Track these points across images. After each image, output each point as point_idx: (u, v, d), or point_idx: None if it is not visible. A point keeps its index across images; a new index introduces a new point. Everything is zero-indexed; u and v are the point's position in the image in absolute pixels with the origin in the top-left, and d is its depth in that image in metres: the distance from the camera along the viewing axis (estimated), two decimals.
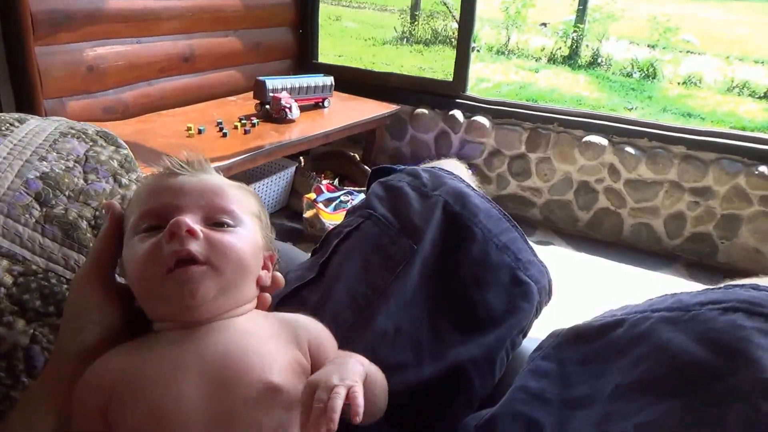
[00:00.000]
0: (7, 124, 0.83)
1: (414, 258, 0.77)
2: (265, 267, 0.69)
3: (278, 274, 0.71)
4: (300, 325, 0.65)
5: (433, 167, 0.89)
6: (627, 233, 2.94)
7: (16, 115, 0.87)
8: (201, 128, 2.51)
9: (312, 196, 2.72)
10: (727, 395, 0.52)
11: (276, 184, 2.92)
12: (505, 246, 0.80)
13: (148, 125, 2.53)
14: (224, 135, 2.51)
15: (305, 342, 0.64)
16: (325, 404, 0.52)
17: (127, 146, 0.95)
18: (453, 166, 0.93)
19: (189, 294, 0.58)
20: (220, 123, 2.58)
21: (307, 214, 2.71)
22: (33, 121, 0.88)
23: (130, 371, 0.58)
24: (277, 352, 0.61)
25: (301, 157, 3.08)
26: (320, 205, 2.66)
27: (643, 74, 5.52)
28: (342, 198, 2.75)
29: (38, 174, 0.78)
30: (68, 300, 0.65)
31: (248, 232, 0.65)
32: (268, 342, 0.62)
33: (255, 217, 0.68)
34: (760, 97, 5.03)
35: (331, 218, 2.63)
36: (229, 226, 0.63)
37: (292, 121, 2.72)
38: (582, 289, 2.53)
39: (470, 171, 0.96)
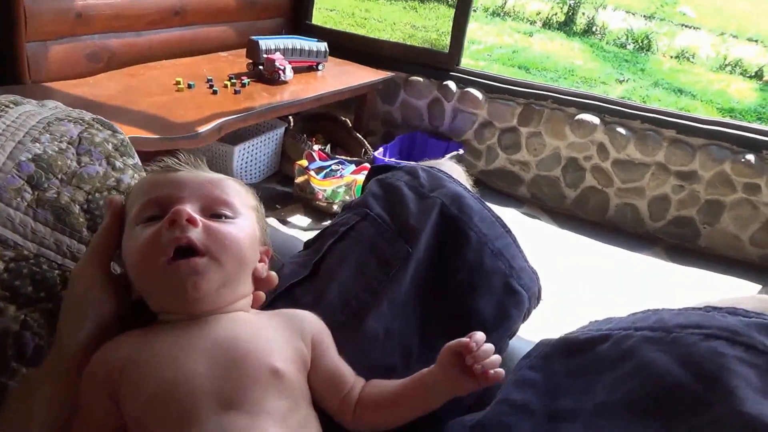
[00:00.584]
0: (2, 106, 0.82)
1: (408, 261, 0.77)
2: (261, 260, 0.70)
3: (272, 273, 0.72)
4: (305, 320, 0.68)
5: (431, 167, 0.88)
6: (612, 213, 2.97)
7: (12, 97, 0.86)
8: (191, 83, 2.47)
9: (304, 162, 2.70)
10: (706, 424, 0.53)
11: (265, 145, 2.89)
12: (499, 252, 0.80)
13: (135, 80, 2.46)
14: (214, 92, 2.47)
15: (309, 336, 0.66)
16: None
17: (124, 132, 0.93)
18: (450, 167, 0.92)
19: (192, 287, 0.59)
20: (211, 80, 2.53)
21: (299, 179, 2.70)
22: (29, 106, 0.86)
23: (139, 354, 0.59)
24: (282, 341, 0.64)
25: (290, 117, 3.05)
26: (312, 173, 2.65)
27: (638, 46, 5.49)
28: (333, 167, 2.74)
29: (31, 156, 0.77)
30: (68, 294, 0.65)
31: (246, 224, 0.66)
32: (274, 333, 0.64)
33: (252, 209, 0.70)
34: (750, 77, 5.03)
35: (322, 184, 2.63)
36: (227, 217, 0.64)
37: (284, 82, 2.68)
38: (564, 268, 2.56)
39: (467, 174, 0.95)
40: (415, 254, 0.78)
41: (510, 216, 2.90)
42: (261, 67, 2.71)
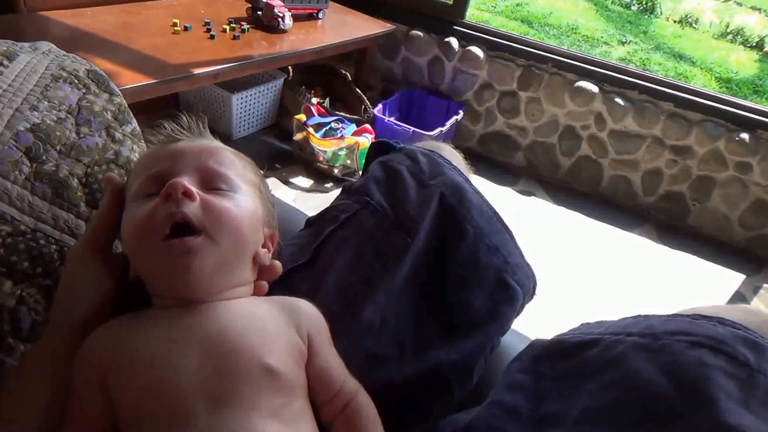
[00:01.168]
0: None
1: (406, 253, 0.77)
2: (264, 246, 0.68)
3: (277, 262, 0.70)
4: (302, 311, 0.66)
5: (431, 151, 0.88)
6: (605, 185, 2.98)
7: (4, 47, 0.82)
8: (187, 26, 2.40)
9: (302, 117, 2.65)
10: None
11: (264, 95, 2.85)
12: (495, 248, 0.80)
13: (132, 18, 2.39)
14: (212, 37, 2.40)
15: (305, 330, 0.64)
16: None
17: (120, 93, 0.91)
18: (450, 153, 0.92)
19: (183, 267, 0.58)
20: (208, 23, 2.46)
21: (297, 136, 2.67)
22: (23, 57, 0.83)
23: (129, 345, 0.58)
24: (277, 336, 0.62)
25: (289, 68, 2.99)
26: (310, 129, 2.61)
27: (642, 7, 5.40)
28: (332, 125, 2.70)
29: (29, 126, 0.75)
30: (64, 273, 0.64)
31: (246, 200, 0.64)
32: (268, 325, 0.62)
33: (254, 186, 0.67)
34: (751, 47, 4.97)
35: (322, 144, 2.60)
36: (226, 191, 0.62)
37: (284, 31, 2.62)
38: (557, 245, 2.60)
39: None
40: (414, 246, 0.78)
41: (505, 195, 2.91)
42: (260, 12, 2.64)
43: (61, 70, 0.85)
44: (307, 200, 2.55)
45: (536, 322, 1.99)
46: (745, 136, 2.62)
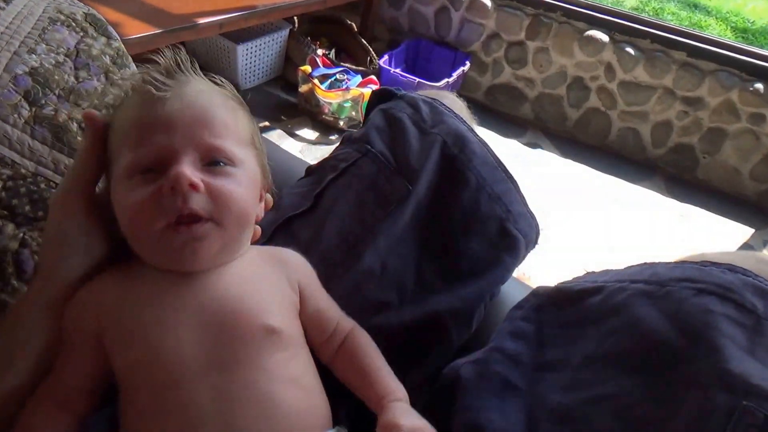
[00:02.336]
0: None
1: (408, 199, 0.77)
2: (260, 197, 0.68)
3: (268, 197, 0.69)
4: (290, 264, 0.66)
5: (433, 99, 0.86)
6: (613, 137, 2.94)
7: None
8: None
9: (307, 69, 2.63)
10: (688, 380, 0.54)
11: (269, 46, 2.82)
12: (497, 196, 0.80)
13: None
14: None
15: (296, 282, 0.65)
16: None
17: (118, 37, 0.90)
18: (453, 101, 0.90)
19: (191, 252, 0.57)
20: None
21: (303, 88, 2.65)
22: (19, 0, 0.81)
23: (126, 303, 0.58)
24: (272, 293, 0.62)
25: (295, 18, 2.95)
26: (315, 81, 2.59)
27: None
28: (338, 76, 2.67)
29: (27, 69, 0.74)
30: (49, 222, 0.62)
31: (247, 173, 0.62)
32: (263, 284, 0.63)
33: (250, 145, 0.65)
34: None
35: (327, 96, 2.58)
36: (225, 164, 0.60)
37: None
38: (564, 198, 2.57)
39: (469, 110, 0.93)
40: (415, 193, 0.78)
41: (511, 148, 2.88)
42: None
43: (59, 12, 0.84)
44: (313, 152, 2.54)
45: (541, 273, 2.01)
46: (759, 86, 2.56)
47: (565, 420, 0.59)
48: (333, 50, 2.92)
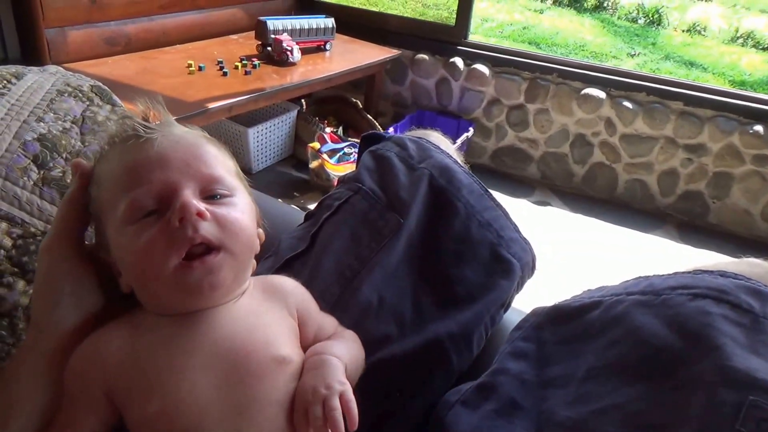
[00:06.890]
0: (4, 81, 0.83)
1: (400, 231, 0.79)
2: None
3: (260, 230, 0.68)
4: (288, 291, 0.66)
5: (420, 138, 0.90)
6: (621, 190, 2.97)
7: (13, 69, 0.87)
8: (201, 66, 2.51)
9: (316, 145, 2.72)
10: (692, 381, 0.54)
11: (278, 128, 2.92)
12: (487, 223, 0.81)
13: (150, 62, 2.52)
14: (224, 74, 2.51)
15: (294, 308, 0.65)
16: (323, 420, 0.54)
17: (122, 104, 0.94)
18: (438, 139, 0.94)
19: (209, 287, 0.56)
20: (221, 62, 2.57)
21: (313, 164, 2.73)
22: (30, 76, 0.88)
23: (136, 356, 0.57)
24: (276, 324, 0.62)
25: (302, 100, 3.08)
26: (325, 156, 2.67)
27: (649, 20, 5.43)
28: (346, 150, 2.76)
29: (36, 136, 0.79)
30: (37, 269, 0.60)
31: (245, 201, 0.62)
32: (267, 316, 0.63)
33: (238, 176, 0.65)
34: (764, 48, 4.95)
35: (336, 169, 2.66)
36: (223, 196, 0.60)
37: (293, 64, 2.70)
38: (578, 253, 2.57)
39: (455, 144, 0.96)
40: (407, 225, 0.79)
41: (521, 207, 2.91)
42: (269, 48, 2.73)
43: (66, 85, 0.89)
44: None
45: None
46: (759, 128, 2.61)
47: None
48: (340, 127, 3.03)
